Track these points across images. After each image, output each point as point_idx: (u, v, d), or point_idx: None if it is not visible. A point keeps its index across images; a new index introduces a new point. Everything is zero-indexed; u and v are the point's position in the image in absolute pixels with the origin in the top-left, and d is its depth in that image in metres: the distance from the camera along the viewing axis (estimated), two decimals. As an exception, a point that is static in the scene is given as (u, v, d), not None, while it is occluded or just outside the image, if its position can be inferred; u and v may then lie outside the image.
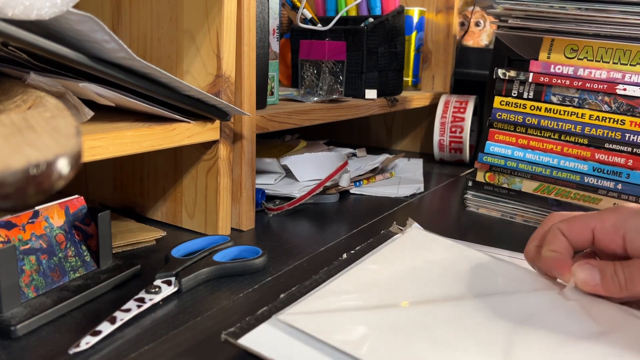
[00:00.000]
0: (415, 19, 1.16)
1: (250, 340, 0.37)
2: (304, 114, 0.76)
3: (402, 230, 0.65)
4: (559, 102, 0.71)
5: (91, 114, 0.48)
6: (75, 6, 0.38)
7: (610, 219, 0.42)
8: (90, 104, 0.50)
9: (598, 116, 0.68)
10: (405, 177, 0.96)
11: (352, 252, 0.54)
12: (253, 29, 0.62)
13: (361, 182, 0.88)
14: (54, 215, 0.48)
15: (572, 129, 0.70)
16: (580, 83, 0.69)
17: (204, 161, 0.62)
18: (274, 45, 0.76)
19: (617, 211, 0.43)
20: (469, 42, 1.23)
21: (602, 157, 0.68)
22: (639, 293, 0.40)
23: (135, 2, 0.63)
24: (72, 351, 0.38)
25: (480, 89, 1.15)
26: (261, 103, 0.72)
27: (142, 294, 0.46)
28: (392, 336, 0.38)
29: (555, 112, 0.71)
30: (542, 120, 0.72)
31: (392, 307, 0.42)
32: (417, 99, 1.10)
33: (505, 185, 0.76)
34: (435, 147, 1.10)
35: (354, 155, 1.06)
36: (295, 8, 0.89)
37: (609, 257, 0.43)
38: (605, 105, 0.68)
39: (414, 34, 1.16)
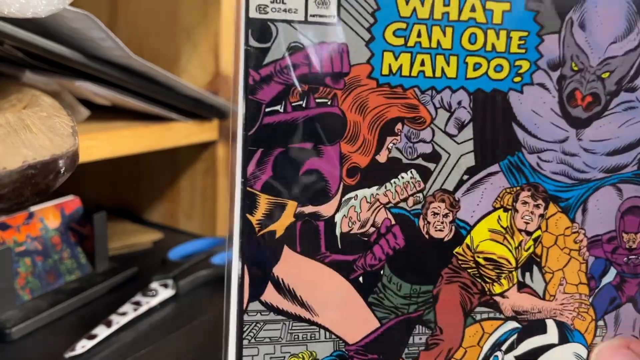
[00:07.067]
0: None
1: None
2: (302, 114, 0.76)
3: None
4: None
5: (87, 113, 0.48)
6: (72, 4, 0.38)
7: None
8: (86, 103, 0.50)
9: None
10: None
11: None
12: (252, 28, 0.61)
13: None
14: (49, 217, 0.47)
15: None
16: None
17: (202, 161, 0.62)
18: (272, 45, 0.76)
19: None
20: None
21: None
22: None
23: None
24: (67, 355, 0.38)
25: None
26: (259, 103, 0.72)
27: (138, 297, 0.45)
28: None
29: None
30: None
31: None
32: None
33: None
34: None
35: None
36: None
37: None
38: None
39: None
